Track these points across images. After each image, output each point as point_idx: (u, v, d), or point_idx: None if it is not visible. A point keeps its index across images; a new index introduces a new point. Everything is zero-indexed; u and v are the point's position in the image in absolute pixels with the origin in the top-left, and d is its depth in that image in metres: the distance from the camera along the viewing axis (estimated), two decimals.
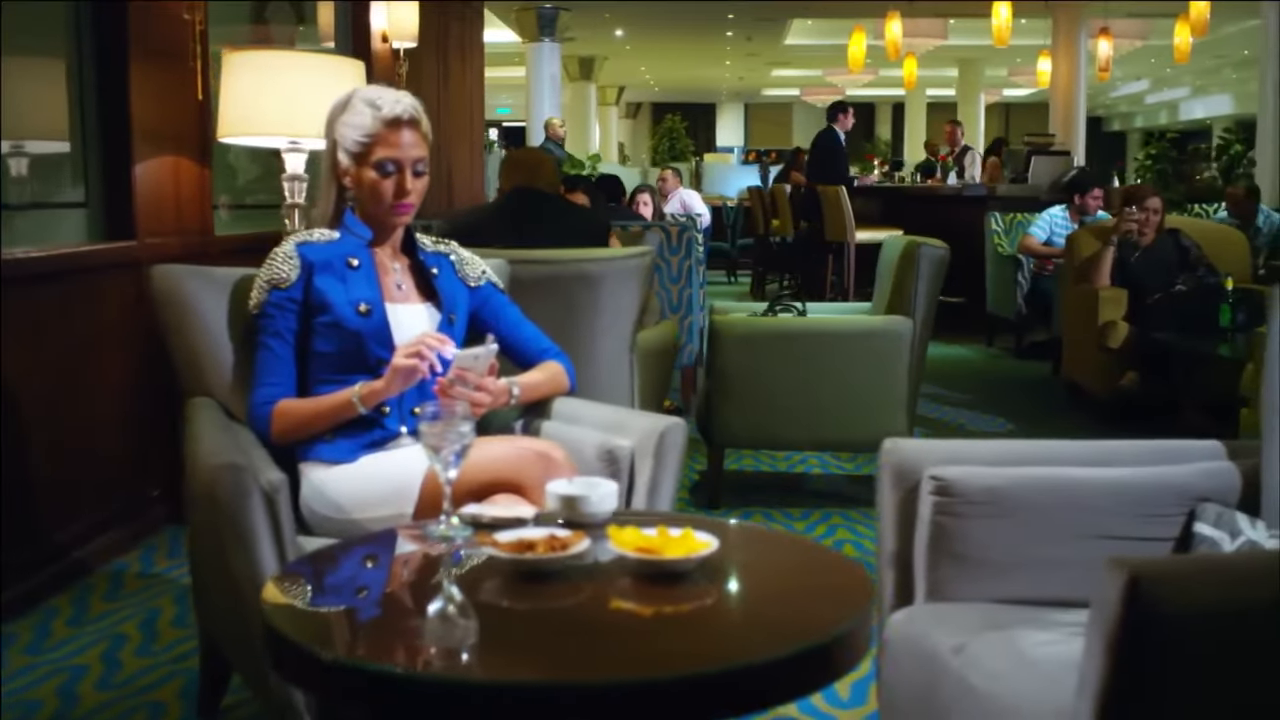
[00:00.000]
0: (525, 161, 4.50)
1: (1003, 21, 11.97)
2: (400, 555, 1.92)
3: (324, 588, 1.84)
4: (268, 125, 4.17)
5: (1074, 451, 2.32)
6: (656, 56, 22.42)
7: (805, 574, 1.82)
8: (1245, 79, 23.43)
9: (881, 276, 5.05)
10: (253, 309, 2.64)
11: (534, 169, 4.35)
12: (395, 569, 1.89)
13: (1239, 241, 7.00)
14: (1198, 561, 1.88)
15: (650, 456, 2.53)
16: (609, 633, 1.64)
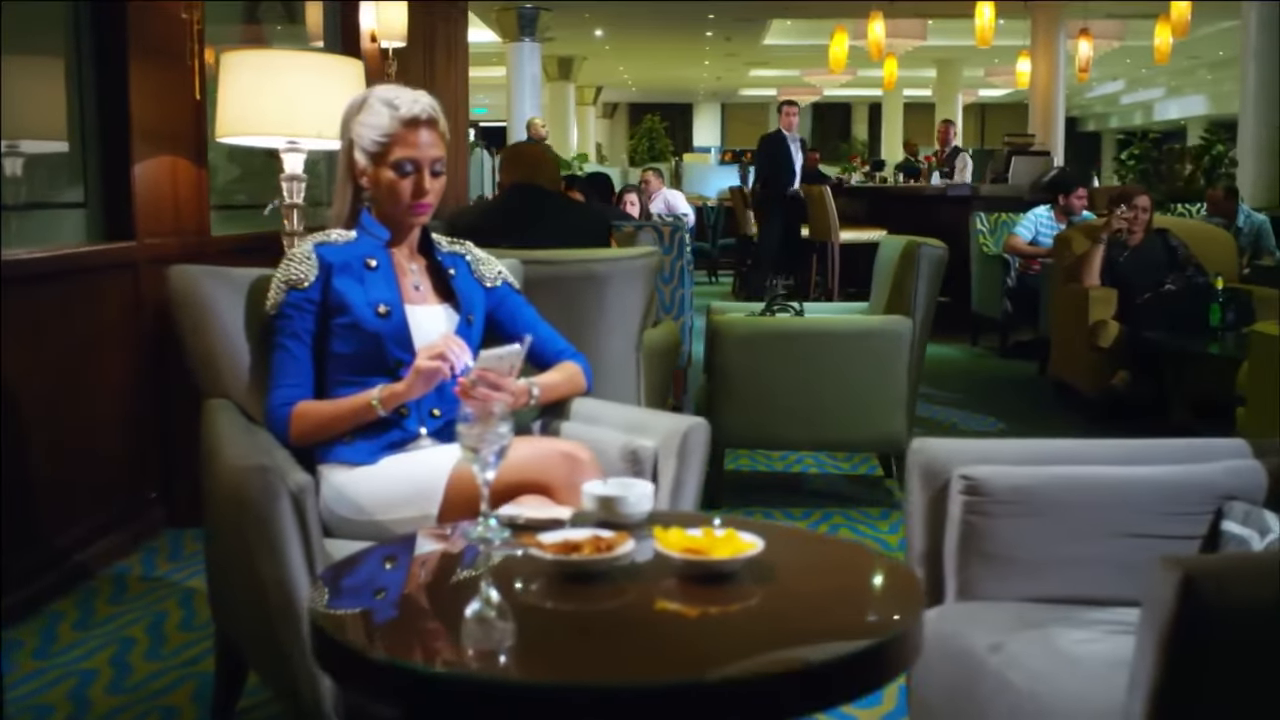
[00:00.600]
0: (525, 157, 4.47)
1: (985, 22, 12.02)
2: (442, 557, 1.91)
3: (370, 589, 1.83)
4: (266, 125, 4.15)
5: (1100, 450, 2.33)
6: (635, 56, 22.43)
7: (852, 574, 1.82)
8: (1220, 80, 23.62)
9: (879, 276, 5.06)
10: (270, 310, 2.63)
11: (535, 165, 4.33)
12: (439, 570, 1.88)
13: (1226, 241, 7.05)
14: (1250, 560, 1.89)
15: (674, 456, 2.52)
16: (660, 634, 1.64)
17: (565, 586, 1.72)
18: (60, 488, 3.77)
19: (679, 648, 1.58)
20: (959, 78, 22.64)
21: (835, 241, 11.07)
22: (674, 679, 1.49)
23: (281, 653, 2.17)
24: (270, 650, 2.23)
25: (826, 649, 1.52)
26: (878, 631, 1.54)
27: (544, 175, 4.30)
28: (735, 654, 1.55)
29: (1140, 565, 2.14)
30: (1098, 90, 25.97)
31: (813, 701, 1.51)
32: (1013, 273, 8.71)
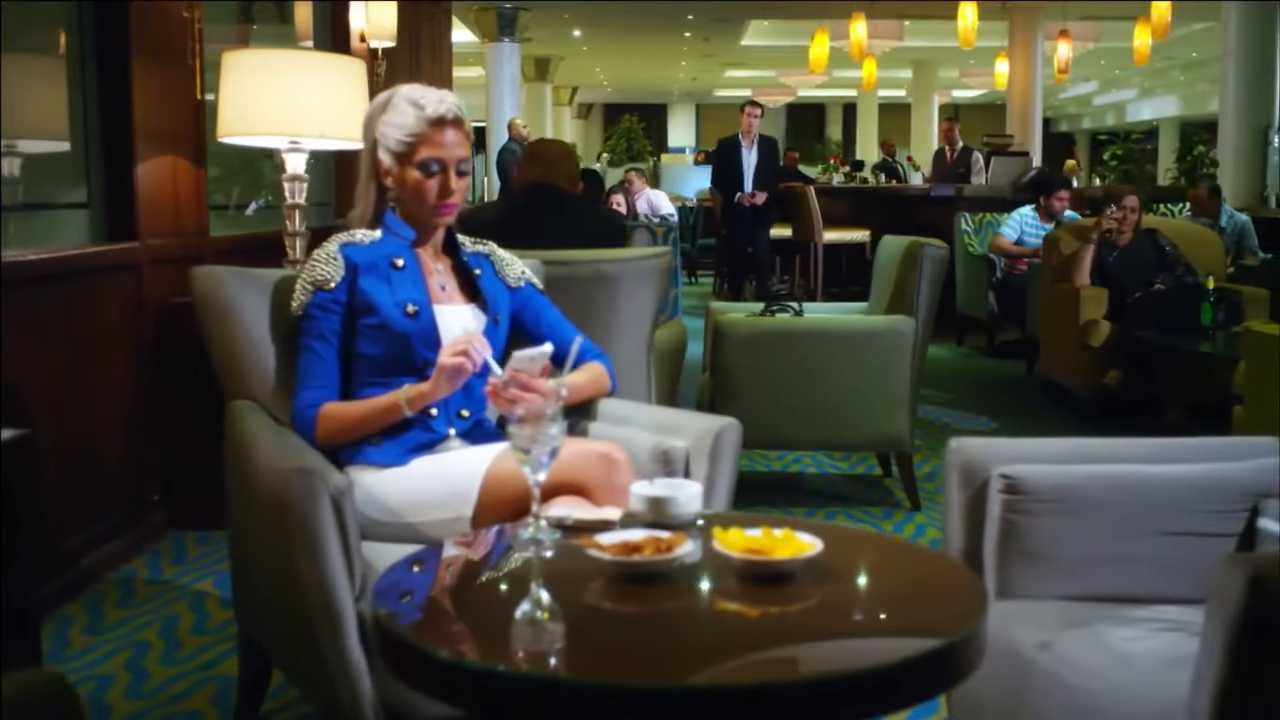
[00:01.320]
0: (544, 155, 4.44)
1: (968, 23, 12.06)
2: (498, 558, 1.89)
3: (429, 590, 1.82)
4: (268, 125, 4.14)
5: (1134, 449, 2.34)
6: (613, 57, 22.42)
7: (913, 574, 1.82)
8: (1192, 81, 23.81)
9: (879, 277, 5.07)
10: (295, 311, 2.61)
11: (553, 163, 4.30)
12: (498, 571, 1.86)
13: (1213, 241, 7.10)
14: None
15: (706, 457, 2.52)
16: (727, 635, 1.63)
17: (625, 588, 1.72)
18: (63, 491, 3.74)
19: (748, 648, 1.58)
20: (935, 78, 22.72)
21: (818, 242, 11.11)
22: (747, 680, 1.50)
23: (320, 655, 2.16)
24: (307, 653, 2.21)
25: (897, 650, 1.52)
26: (946, 632, 1.54)
27: (561, 174, 4.27)
28: (805, 655, 1.56)
29: (1178, 563, 2.17)
30: (1071, 91, 26.13)
31: (883, 703, 1.52)
32: (998, 272, 8.74)
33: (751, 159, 10.46)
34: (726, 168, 10.62)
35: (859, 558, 1.87)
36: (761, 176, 10.49)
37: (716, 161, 10.88)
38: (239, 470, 2.46)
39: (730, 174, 10.55)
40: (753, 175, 10.45)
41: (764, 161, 10.51)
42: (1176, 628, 2.00)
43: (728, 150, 10.65)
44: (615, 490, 2.32)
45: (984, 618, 1.59)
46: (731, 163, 10.53)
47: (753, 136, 10.47)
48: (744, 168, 10.46)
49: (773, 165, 10.88)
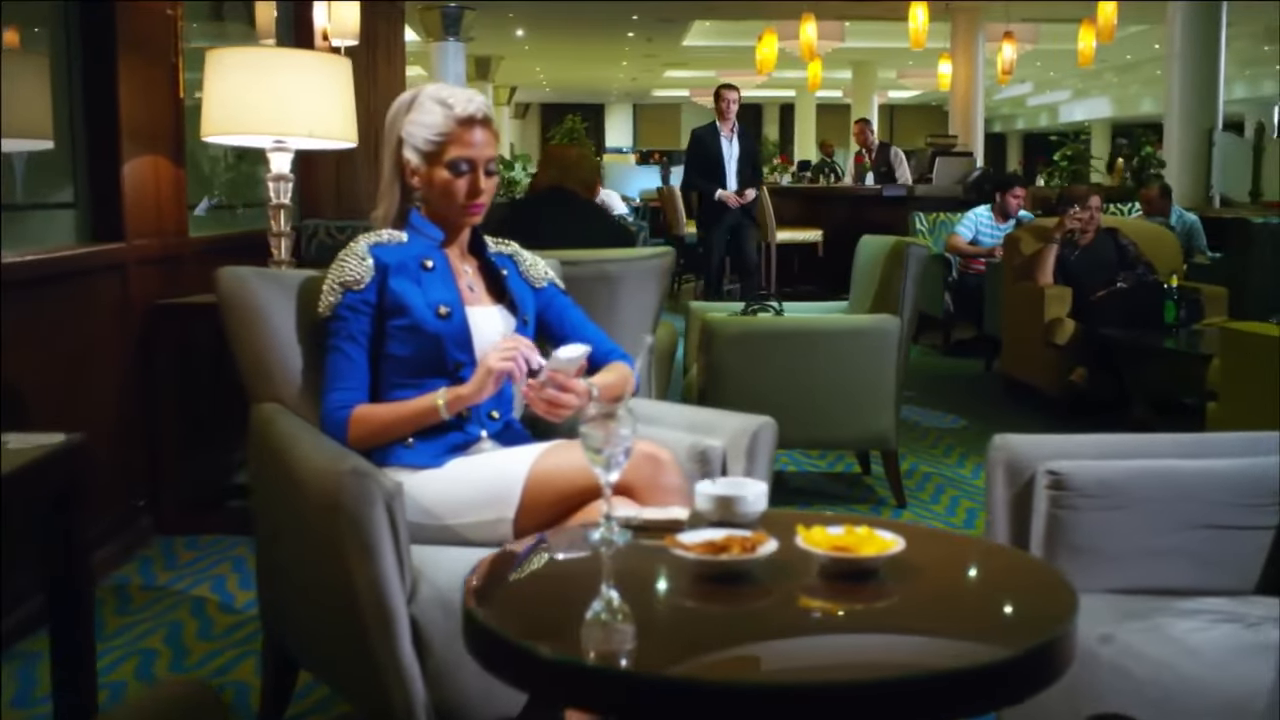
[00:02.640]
0: (559, 159, 4.42)
1: (919, 24, 12.18)
2: (580, 557, 1.88)
3: (517, 589, 1.81)
4: (255, 124, 4.10)
5: (1171, 444, 2.38)
6: (554, 57, 22.39)
7: (998, 572, 1.84)
8: (1125, 83, 24.22)
9: (860, 276, 5.11)
10: (323, 312, 2.59)
11: (566, 168, 4.29)
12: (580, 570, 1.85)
13: (1171, 241, 7.23)
14: None
15: (743, 456, 2.54)
16: (823, 632, 1.65)
17: (711, 587, 1.73)
18: None
19: (847, 646, 1.59)
20: (875, 79, 22.91)
21: (771, 242, 11.17)
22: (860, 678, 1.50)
23: (372, 659, 2.15)
24: (355, 657, 2.19)
25: (997, 648, 1.53)
26: (1043, 630, 1.55)
27: (575, 179, 4.26)
28: (904, 653, 1.57)
29: (1216, 556, 2.22)
30: (1005, 93, 26.46)
31: (988, 700, 1.53)
32: (954, 272, 8.84)
33: (733, 150, 9.25)
34: (704, 161, 9.26)
35: (941, 556, 1.88)
36: (746, 170, 9.30)
37: (693, 155, 9.45)
38: (274, 473, 2.43)
39: (709, 168, 9.21)
40: (736, 169, 9.24)
41: (747, 153, 9.38)
42: (1231, 619, 2.04)
43: (705, 141, 9.31)
44: (662, 490, 2.32)
45: (1074, 618, 1.60)
46: (710, 156, 9.21)
47: (733, 124, 9.26)
48: (725, 160, 9.21)
49: (757, 156, 9.81)
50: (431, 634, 2.17)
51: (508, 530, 2.41)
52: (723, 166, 9.18)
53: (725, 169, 9.18)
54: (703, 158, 9.27)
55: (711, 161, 9.18)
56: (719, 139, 9.21)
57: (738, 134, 9.29)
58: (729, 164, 9.22)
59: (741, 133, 9.35)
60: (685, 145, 10.44)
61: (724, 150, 9.21)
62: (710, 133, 9.30)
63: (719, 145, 9.21)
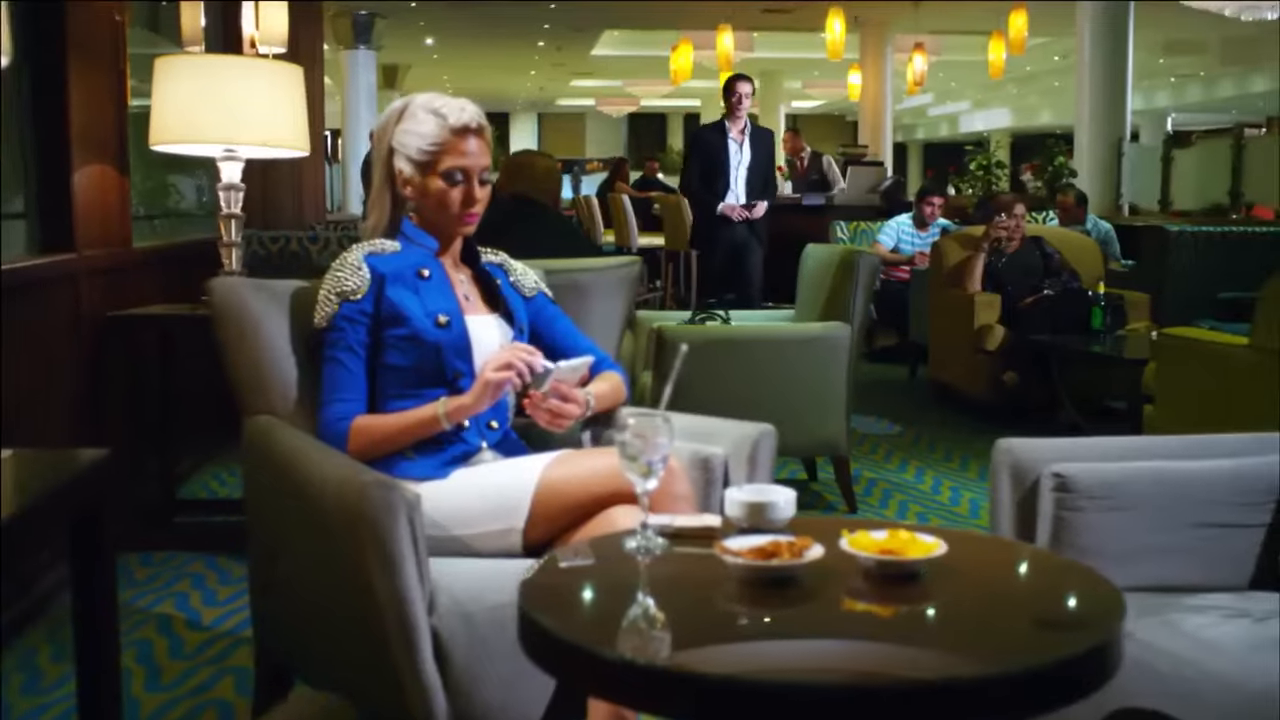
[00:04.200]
0: (523, 168, 4.41)
1: (836, 36, 12.34)
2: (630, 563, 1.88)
3: (571, 594, 1.81)
4: (208, 133, 4.05)
5: (1169, 445, 2.46)
6: (462, 65, 22.30)
7: (1042, 575, 1.88)
8: (1024, 94, 24.75)
9: (807, 284, 5.17)
10: (319, 323, 2.56)
11: (531, 177, 4.28)
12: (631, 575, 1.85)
13: (1092, 248, 7.41)
14: None
15: (745, 464, 2.56)
16: (878, 634, 1.67)
17: (762, 591, 1.74)
18: None
19: (904, 647, 1.62)
20: (781, 89, 23.17)
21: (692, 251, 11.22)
22: (918, 676, 1.53)
23: (393, 673, 2.13)
24: (374, 671, 2.17)
25: (1050, 649, 1.56)
26: (1095, 632, 1.59)
27: (544, 191, 4.25)
28: (959, 654, 1.59)
29: (1215, 553, 2.29)
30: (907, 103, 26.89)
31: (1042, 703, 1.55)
32: (877, 279, 8.95)
33: (743, 155, 7.86)
34: (707, 167, 7.89)
35: (982, 558, 1.92)
36: (757, 179, 7.94)
37: (692, 158, 8.11)
38: (280, 486, 2.40)
39: (711, 175, 7.86)
40: (744, 178, 7.89)
41: (760, 159, 7.95)
42: (1240, 614, 2.11)
43: (708, 143, 7.97)
44: (673, 499, 2.33)
45: (1122, 621, 1.64)
46: (714, 160, 7.84)
47: (744, 124, 7.86)
48: (731, 167, 7.84)
49: (771, 164, 8.30)
50: (452, 646, 2.16)
51: (517, 540, 2.40)
52: (727, 174, 7.87)
53: (730, 177, 7.88)
54: (704, 163, 7.92)
55: (714, 167, 7.84)
56: (726, 141, 7.85)
57: (749, 136, 7.90)
58: (736, 171, 7.88)
59: (755, 135, 7.96)
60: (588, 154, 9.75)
61: (731, 155, 7.86)
62: (715, 134, 7.96)
63: (725, 149, 7.85)
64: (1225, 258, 7.40)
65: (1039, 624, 1.69)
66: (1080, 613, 1.69)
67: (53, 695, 3.03)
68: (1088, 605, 1.70)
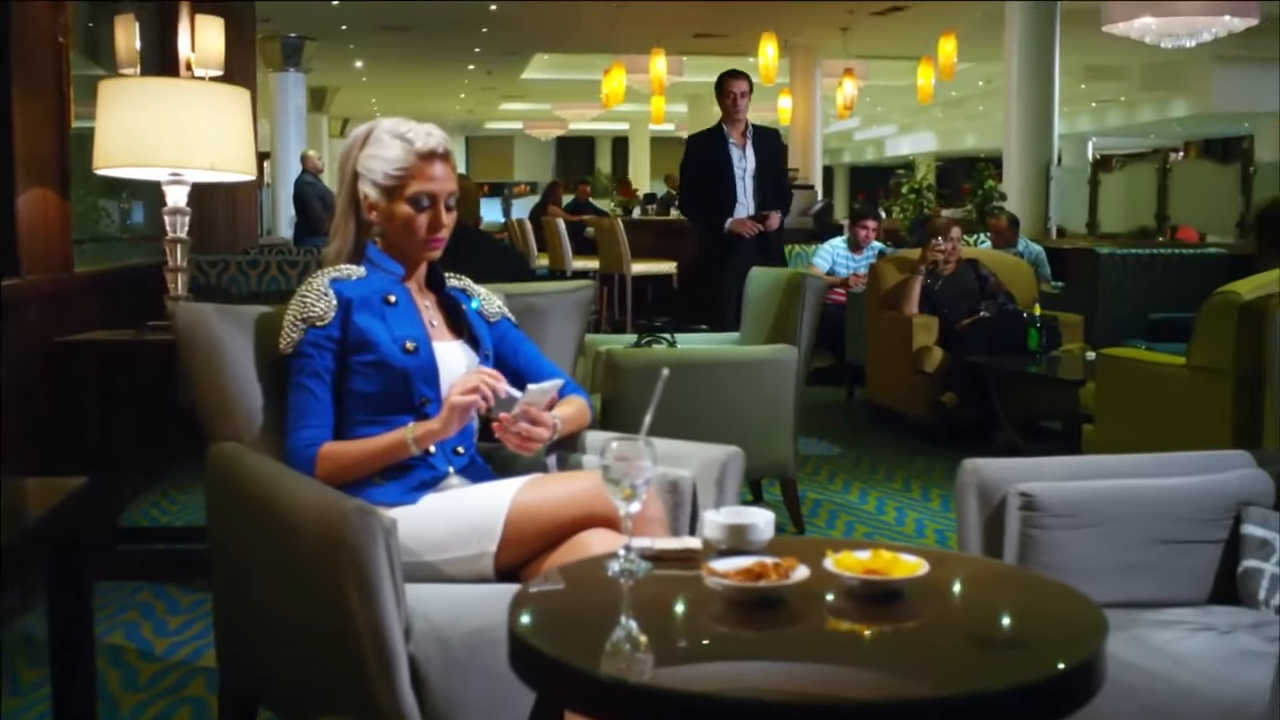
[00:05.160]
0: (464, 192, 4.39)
1: (769, 60, 12.46)
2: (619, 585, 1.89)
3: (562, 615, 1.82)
4: (155, 157, 4.02)
5: (1131, 464, 2.51)
6: (391, 88, 22.21)
7: (1025, 595, 1.91)
8: (950, 118, 25.11)
9: (753, 307, 5.21)
10: (285, 349, 2.55)
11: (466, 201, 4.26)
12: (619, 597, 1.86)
13: (1026, 270, 7.54)
14: None
15: (713, 486, 2.58)
16: (866, 652, 1.70)
17: (749, 612, 1.76)
18: None
19: (891, 665, 1.64)
20: (710, 113, 23.28)
21: (627, 274, 11.27)
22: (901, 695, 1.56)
23: (371, 701, 2.12)
24: (354, 697, 2.16)
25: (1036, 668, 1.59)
26: (1077, 652, 1.62)
27: (468, 212, 4.25)
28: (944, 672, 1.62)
29: (1176, 568, 2.34)
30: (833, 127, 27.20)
31: None
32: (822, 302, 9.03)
33: (747, 161, 6.95)
34: (706, 176, 6.95)
35: (963, 577, 1.95)
36: (766, 186, 6.99)
37: (690, 169, 7.11)
38: (250, 513, 2.38)
39: (713, 186, 6.91)
40: (752, 187, 6.97)
41: (768, 164, 7.02)
42: (1204, 628, 2.16)
43: (706, 150, 7.00)
44: (647, 521, 2.34)
45: (1104, 641, 1.67)
46: (714, 169, 6.91)
47: (745, 126, 6.97)
48: (736, 175, 6.92)
49: (782, 167, 7.36)
50: (429, 671, 2.15)
51: (489, 565, 2.40)
52: (732, 183, 6.89)
53: (737, 186, 6.91)
54: (703, 173, 6.96)
55: (715, 177, 6.87)
56: (726, 146, 6.92)
57: (752, 138, 6.98)
58: (742, 180, 6.93)
59: (759, 136, 7.03)
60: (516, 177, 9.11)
61: (734, 162, 6.91)
62: (712, 139, 7.00)
63: (726, 155, 6.90)
64: (1153, 279, 7.56)
65: (1024, 642, 1.73)
66: (1064, 631, 1.72)
67: None
68: (1071, 623, 1.74)
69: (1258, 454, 2.55)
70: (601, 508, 2.36)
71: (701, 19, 14.18)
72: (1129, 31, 11.48)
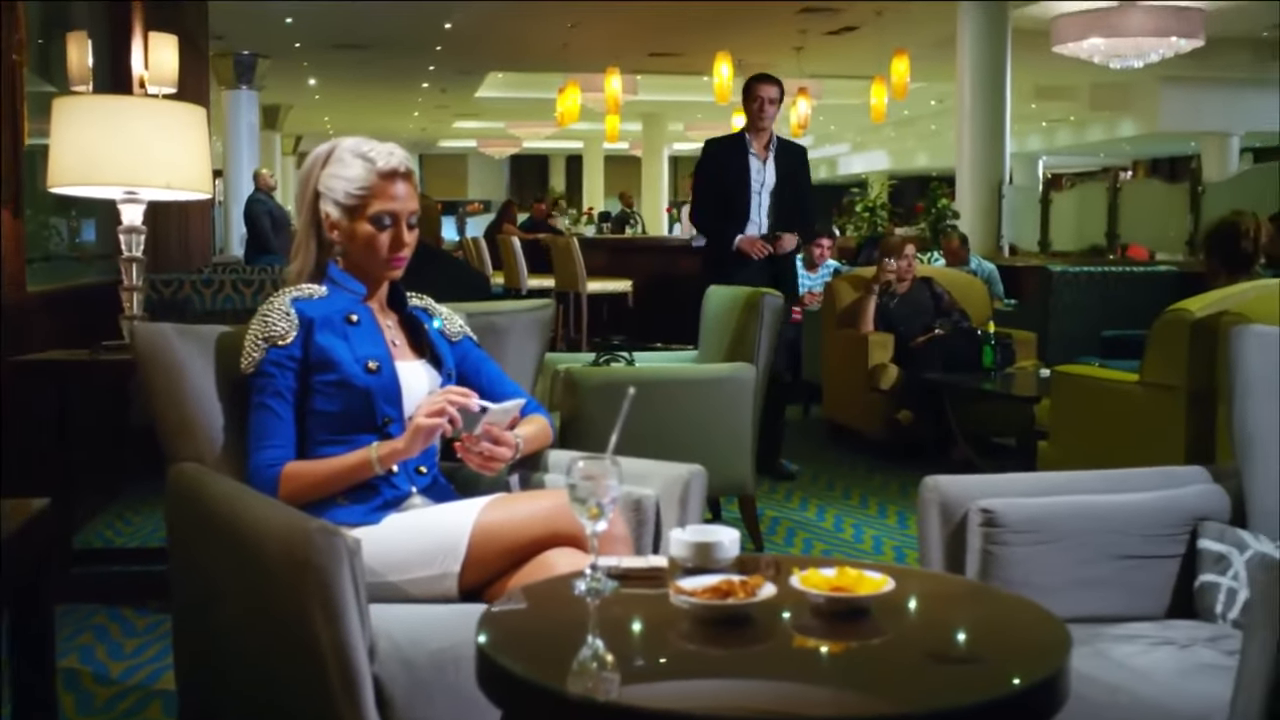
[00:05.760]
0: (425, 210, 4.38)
1: (724, 79, 12.52)
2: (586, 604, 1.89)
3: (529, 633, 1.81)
4: (110, 175, 4.00)
5: (1090, 480, 2.54)
6: (345, 106, 22.15)
7: (989, 611, 1.92)
8: (902, 137, 25.31)
9: (710, 325, 5.23)
10: (247, 368, 2.54)
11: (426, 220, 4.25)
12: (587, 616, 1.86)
13: (980, 289, 7.62)
14: None
15: (676, 504, 2.58)
16: (834, 670, 1.71)
17: (717, 630, 1.77)
18: None
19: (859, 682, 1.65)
20: (665, 132, 23.40)
21: (582, 292, 11.27)
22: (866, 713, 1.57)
23: None
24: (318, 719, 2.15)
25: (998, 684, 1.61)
26: (1042, 666, 1.63)
27: (429, 231, 4.24)
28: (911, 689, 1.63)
29: (1134, 583, 2.37)
30: None
31: None
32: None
33: (767, 174, 6.23)
34: (718, 186, 6.26)
35: (927, 593, 1.96)
36: (785, 205, 6.27)
37: (703, 176, 6.42)
38: (212, 535, 2.36)
39: (726, 199, 6.21)
40: (768, 204, 6.25)
41: (789, 180, 6.29)
42: (1164, 642, 2.19)
43: (722, 159, 6.30)
44: (611, 540, 2.33)
45: (1069, 656, 1.69)
46: (727, 180, 6.23)
47: (770, 137, 6.24)
48: (752, 189, 6.21)
49: (805, 186, 6.47)
50: (393, 692, 2.14)
51: (453, 585, 2.40)
52: (746, 197, 6.20)
53: (751, 201, 6.21)
54: (715, 182, 6.29)
55: (729, 189, 6.21)
56: (745, 157, 6.20)
57: (776, 152, 6.24)
58: (758, 194, 6.23)
59: (782, 150, 6.28)
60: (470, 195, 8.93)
61: (753, 175, 6.20)
62: (731, 147, 6.31)
63: (744, 166, 6.19)
64: (1105, 297, 7.64)
65: (989, 658, 1.74)
66: (1029, 646, 1.74)
67: None
68: (1035, 638, 1.75)
69: (1213, 469, 2.58)
70: (565, 526, 2.36)
71: (656, 38, 14.25)
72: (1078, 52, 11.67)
